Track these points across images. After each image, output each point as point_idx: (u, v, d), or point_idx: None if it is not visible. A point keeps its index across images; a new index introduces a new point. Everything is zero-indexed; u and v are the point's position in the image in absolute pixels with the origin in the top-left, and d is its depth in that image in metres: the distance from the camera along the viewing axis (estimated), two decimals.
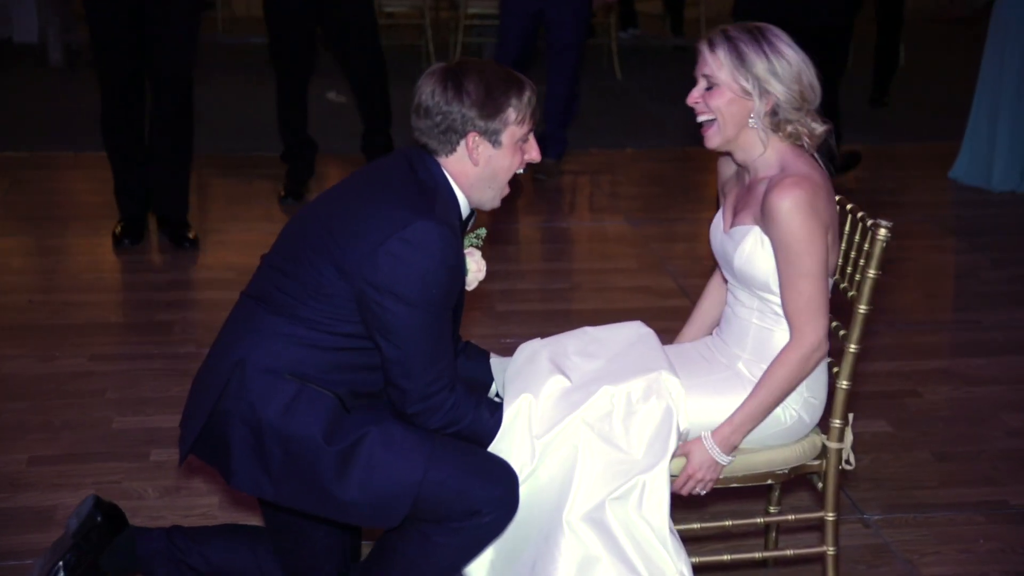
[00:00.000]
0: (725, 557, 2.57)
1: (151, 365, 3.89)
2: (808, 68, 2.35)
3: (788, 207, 2.27)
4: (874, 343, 4.04)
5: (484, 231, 2.44)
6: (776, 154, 2.38)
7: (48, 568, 2.49)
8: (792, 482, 2.73)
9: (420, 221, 2.20)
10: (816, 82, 2.36)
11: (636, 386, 2.36)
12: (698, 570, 2.45)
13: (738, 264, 2.42)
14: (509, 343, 4.04)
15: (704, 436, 2.39)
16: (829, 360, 2.50)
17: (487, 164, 2.31)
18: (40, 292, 4.54)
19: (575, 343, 2.55)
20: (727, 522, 2.60)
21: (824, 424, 2.52)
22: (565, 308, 4.51)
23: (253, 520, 2.95)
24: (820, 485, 2.56)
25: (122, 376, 3.80)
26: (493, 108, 2.28)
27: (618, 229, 5.43)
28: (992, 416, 3.67)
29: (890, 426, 3.59)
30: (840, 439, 2.50)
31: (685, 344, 2.64)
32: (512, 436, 2.35)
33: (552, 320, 4.31)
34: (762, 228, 2.36)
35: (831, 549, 2.56)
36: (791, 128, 2.36)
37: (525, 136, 2.33)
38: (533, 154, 2.36)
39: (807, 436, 2.51)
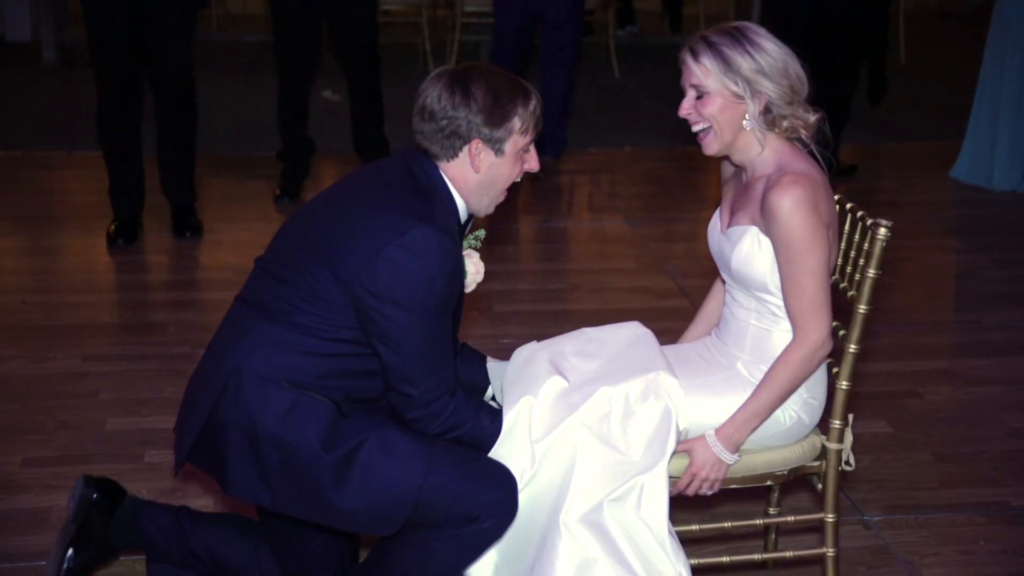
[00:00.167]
0: (724, 559, 2.57)
1: (146, 366, 3.89)
2: (793, 60, 2.35)
3: (788, 206, 2.27)
4: (874, 343, 4.05)
5: (483, 233, 2.44)
6: (773, 153, 2.39)
7: (59, 558, 2.50)
8: (792, 483, 2.74)
9: (419, 227, 2.19)
10: (802, 72, 2.36)
11: (634, 387, 2.36)
12: (697, 572, 2.45)
13: (735, 265, 2.42)
14: (507, 344, 4.05)
15: (708, 434, 2.39)
16: (829, 360, 2.50)
17: (488, 171, 2.32)
18: (34, 293, 4.54)
19: (573, 344, 2.55)
20: (726, 523, 2.60)
21: (824, 425, 2.53)
22: (564, 309, 4.51)
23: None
24: (820, 486, 2.56)
25: (117, 377, 3.81)
26: (499, 116, 2.28)
27: (617, 229, 5.43)
28: (993, 417, 3.67)
29: (890, 427, 3.59)
30: (840, 440, 2.50)
31: (683, 344, 2.65)
32: (512, 441, 2.36)
33: (551, 321, 4.32)
34: (762, 228, 2.36)
35: (831, 551, 2.57)
36: (786, 123, 2.37)
37: (527, 146, 2.34)
38: (533, 164, 2.37)
39: (807, 437, 2.52)
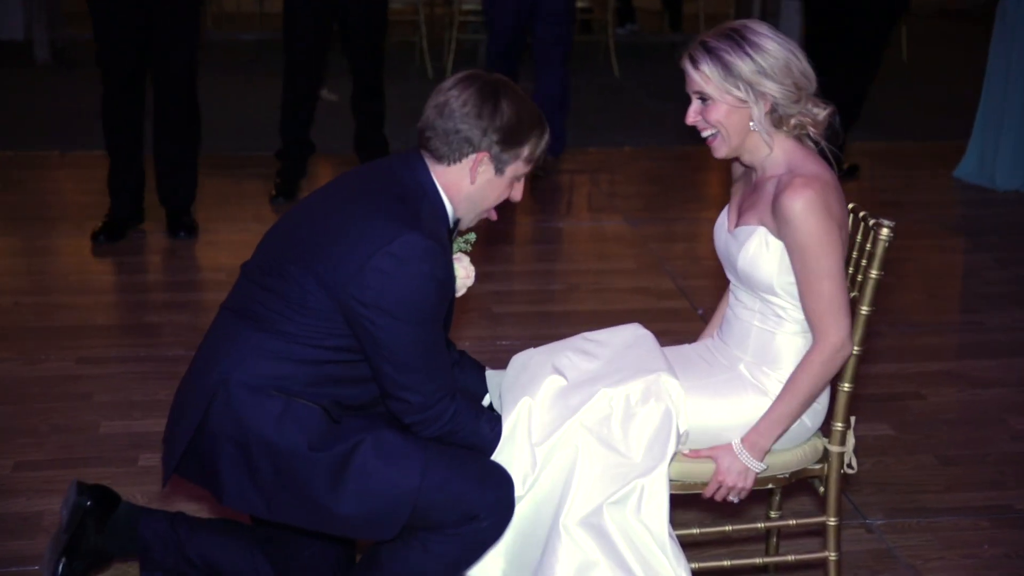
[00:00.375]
0: (725, 563, 2.56)
1: (139, 368, 3.88)
2: (796, 55, 2.33)
3: (801, 208, 2.27)
4: (876, 345, 4.05)
5: (473, 236, 2.44)
6: (783, 153, 2.38)
7: (52, 567, 2.49)
8: (793, 486, 2.73)
9: (406, 235, 2.19)
10: (807, 67, 2.34)
11: (634, 388, 2.36)
12: None
13: (741, 265, 2.42)
14: (505, 345, 4.05)
15: (734, 442, 2.39)
16: None
17: (482, 186, 2.32)
18: (26, 294, 4.53)
19: (572, 346, 2.55)
20: (727, 527, 2.60)
21: (826, 427, 2.52)
22: (562, 310, 4.51)
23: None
24: (822, 489, 2.56)
25: (110, 379, 3.80)
26: (515, 139, 2.29)
27: (616, 229, 5.43)
28: (997, 419, 3.67)
29: (893, 429, 3.59)
30: (842, 443, 2.50)
31: (684, 346, 2.64)
32: (513, 446, 2.36)
33: (549, 322, 4.32)
34: (771, 229, 2.35)
35: (833, 554, 2.56)
36: (794, 121, 2.36)
37: (522, 176, 2.36)
38: (517, 195, 2.39)
39: (808, 440, 2.51)
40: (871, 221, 2.42)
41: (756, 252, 2.38)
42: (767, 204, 2.35)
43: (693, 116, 2.39)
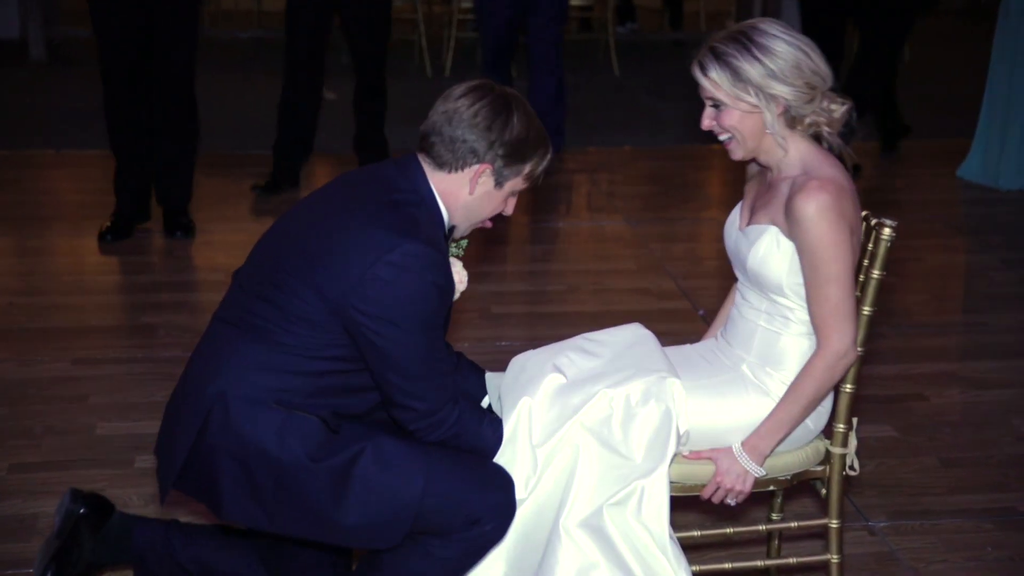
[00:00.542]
0: (727, 565, 2.57)
1: (136, 369, 3.89)
2: (807, 53, 2.32)
3: (814, 211, 2.27)
4: (879, 346, 4.05)
5: (466, 242, 2.45)
6: (798, 154, 2.37)
7: (41, 572, 2.49)
8: (795, 488, 2.73)
9: (406, 243, 2.19)
10: (821, 63, 2.33)
11: (635, 389, 2.36)
12: None
13: (751, 264, 2.42)
14: (504, 346, 4.06)
15: (734, 445, 2.40)
16: None
17: (480, 197, 2.33)
18: (21, 294, 4.54)
19: (572, 346, 2.55)
20: (728, 529, 2.60)
21: (828, 429, 2.52)
22: (562, 310, 4.51)
23: None
24: (824, 491, 2.56)
25: (106, 380, 3.80)
26: (520, 155, 2.30)
27: (616, 229, 5.43)
28: (1001, 421, 3.67)
29: (896, 431, 3.59)
30: (844, 444, 2.50)
31: (686, 346, 2.65)
32: (514, 449, 2.36)
33: (548, 323, 4.32)
34: (783, 229, 2.35)
35: (835, 557, 2.56)
36: (808, 120, 2.36)
37: (517, 192, 2.38)
38: (509, 210, 2.42)
39: (810, 442, 2.52)
40: (873, 221, 2.42)
41: (767, 251, 2.38)
42: (781, 204, 2.36)
43: (708, 122, 2.40)
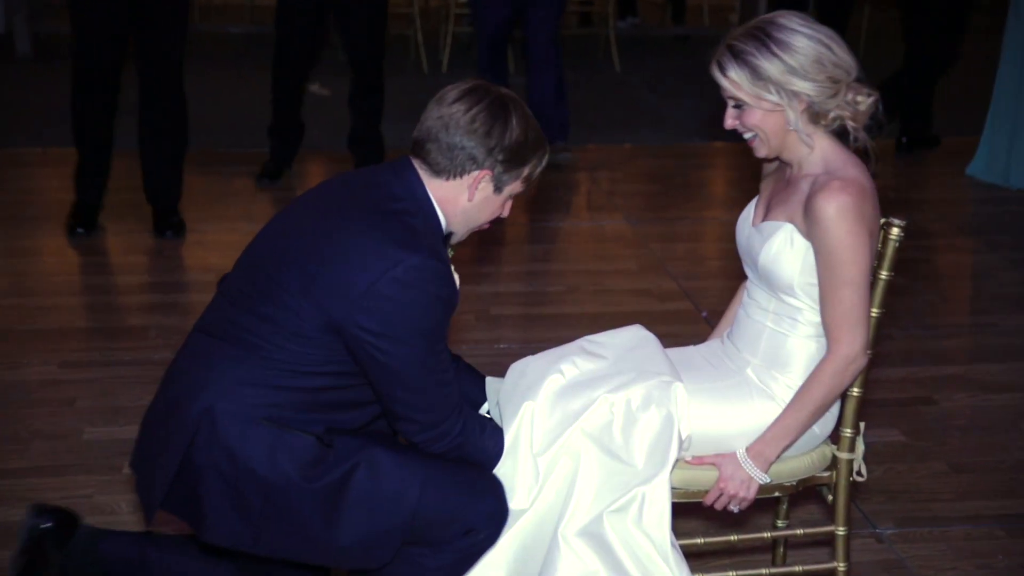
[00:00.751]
0: (730, 573, 2.56)
1: (124, 372, 3.88)
2: (828, 45, 2.29)
3: (834, 212, 2.26)
4: (887, 348, 4.05)
5: (451, 252, 2.40)
6: (821, 152, 2.37)
7: None
8: (801, 495, 2.73)
9: (410, 257, 2.17)
10: (844, 54, 2.30)
11: (636, 393, 2.35)
12: None
13: (763, 261, 2.41)
14: (503, 348, 4.05)
15: (738, 451, 2.39)
16: None
17: (479, 203, 2.32)
18: (7, 295, 4.53)
19: (572, 350, 2.54)
20: (732, 536, 2.60)
21: (834, 434, 2.52)
22: (561, 312, 4.51)
23: None
24: (830, 498, 2.55)
25: (94, 384, 3.80)
26: (519, 159, 2.29)
27: (617, 229, 5.43)
28: (1011, 425, 3.67)
29: (904, 435, 3.59)
30: (851, 449, 2.50)
31: (689, 348, 2.64)
32: (516, 458, 2.35)
33: (548, 324, 4.32)
34: (800, 227, 2.34)
35: (842, 565, 2.56)
36: (832, 115, 2.34)
37: (515, 195, 2.37)
38: (506, 213, 2.41)
39: (817, 447, 2.51)
40: (881, 220, 2.41)
41: (779, 249, 2.38)
42: (800, 202, 2.35)
43: (731, 121, 2.39)
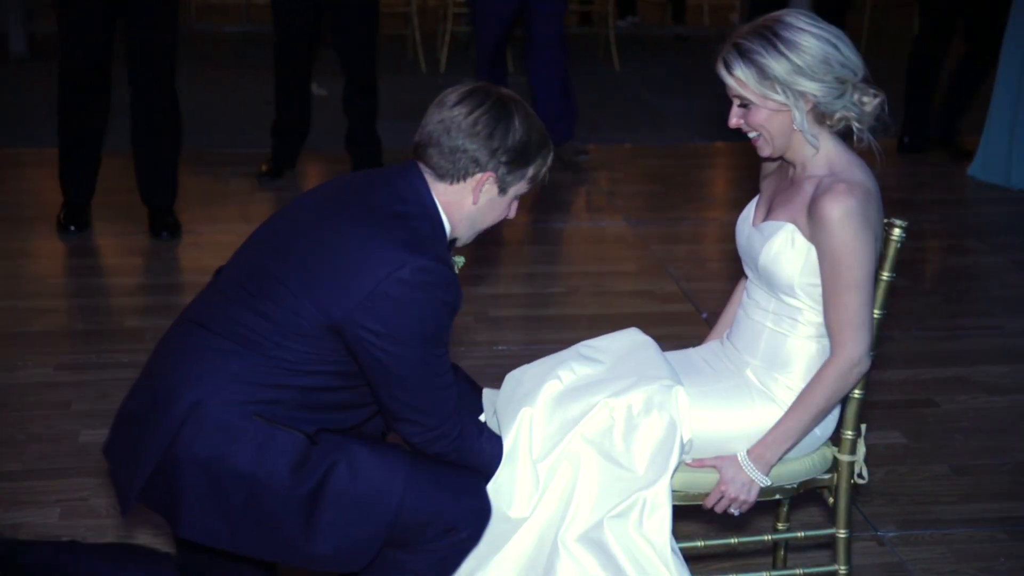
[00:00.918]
0: None
1: (121, 374, 3.87)
2: (835, 45, 2.30)
3: (839, 215, 2.27)
4: (888, 350, 4.05)
5: (462, 260, 2.41)
6: (826, 154, 2.37)
7: None
8: (802, 497, 2.74)
9: (416, 260, 2.17)
10: (851, 54, 2.31)
11: (636, 398, 2.36)
12: None
13: (763, 261, 2.42)
14: (502, 351, 4.06)
15: (739, 453, 2.40)
16: None
17: (484, 207, 2.31)
18: (2, 297, 4.53)
19: (569, 355, 2.54)
20: (733, 539, 2.61)
21: (835, 436, 2.53)
22: (561, 314, 4.52)
23: None
24: (831, 500, 2.56)
25: (90, 386, 3.80)
26: (523, 160, 2.29)
27: (617, 230, 5.44)
28: (1014, 427, 3.68)
29: (905, 438, 3.60)
30: (852, 451, 2.51)
31: (688, 350, 2.65)
32: (515, 465, 2.35)
33: (547, 326, 4.32)
34: (802, 228, 2.35)
35: (843, 568, 2.57)
36: (838, 115, 2.35)
37: (520, 195, 2.36)
38: (512, 213, 2.39)
39: (817, 449, 2.52)
40: (883, 220, 2.42)
41: (780, 249, 2.38)
42: (803, 204, 2.36)
43: (735, 120, 2.39)
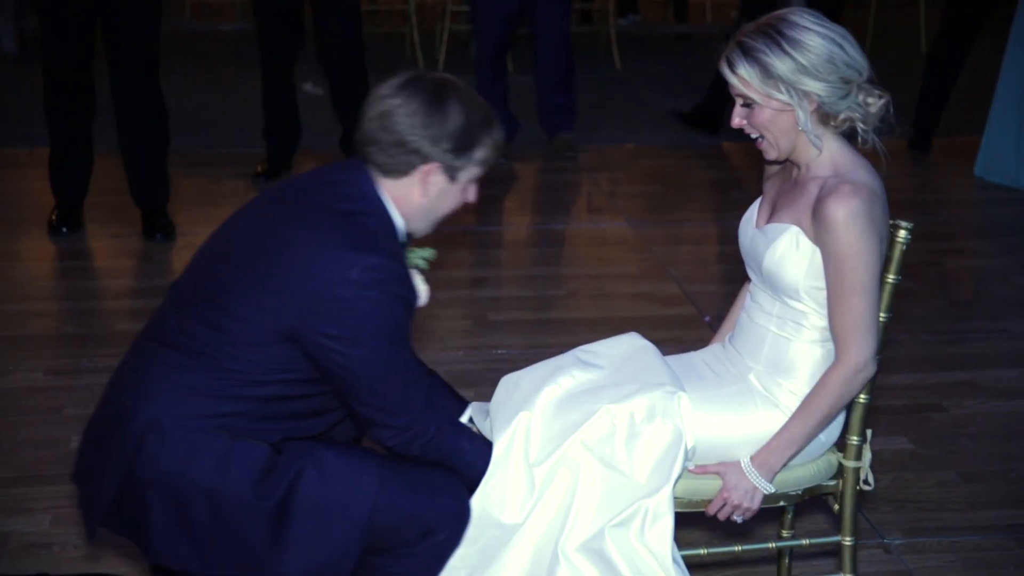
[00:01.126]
0: None
1: None
2: (840, 45, 2.29)
3: (844, 217, 2.26)
4: (894, 354, 4.04)
5: (431, 252, 2.38)
6: (830, 154, 2.36)
7: None
8: (807, 504, 2.73)
9: (365, 258, 2.14)
10: (856, 54, 2.30)
11: (639, 405, 2.34)
12: None
13: (767, 264, 2.41)
14: (501, 354, 4.05)
15: (743, 460, 2.39)
16: None
17: (435, 198, 2.28)
18: None
19: (567, 360, 2.53)
20: (736, 547, 2.60)
21: (841, 441, 2.52)
22: (561, 317, 4.51)
23: None
24: (837, 507, 2.55)
25: (81, 391, 3.78)
26: (467, 144, 2.24)
27: (618, 231, 5.43)
28: (1023, 432, 3.67)
29: (912, 443, 3.59)
30: (858, 457, 2.50)
31: (690, 354, 2.64)
32: (507, 468, 2.34)
33: (547, 330, 4.31)
34: (806, 230, 2.34)
35: None
36: (842, 116, 2.34)
37: (476, 178, 2.32)
38: (472, 197, 2.34)
39: (822, 455, 2.51)
40: (888, 222, 2.41)
41: (784, 252, 2.37)
42: (808, 205, 2.35)
43: (738, 120, 2.39)
